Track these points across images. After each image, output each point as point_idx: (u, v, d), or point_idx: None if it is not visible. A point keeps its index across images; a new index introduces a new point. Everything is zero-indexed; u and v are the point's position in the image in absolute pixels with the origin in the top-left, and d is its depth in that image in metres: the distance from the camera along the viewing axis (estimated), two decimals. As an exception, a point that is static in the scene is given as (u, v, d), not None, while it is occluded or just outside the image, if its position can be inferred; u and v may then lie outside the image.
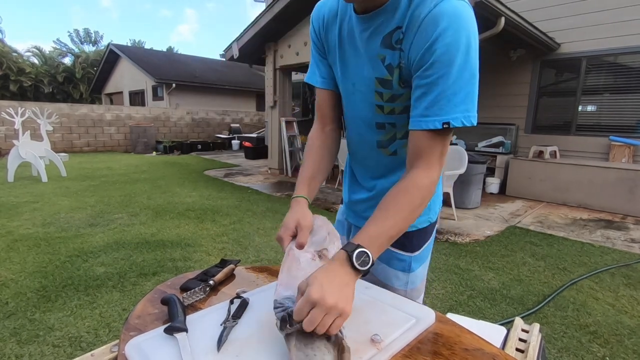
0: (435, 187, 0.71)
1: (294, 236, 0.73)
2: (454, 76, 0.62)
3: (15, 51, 20.85)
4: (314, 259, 0.70)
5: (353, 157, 0.98)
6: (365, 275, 0.62)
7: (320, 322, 0.54)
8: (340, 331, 0.58)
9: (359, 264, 0.59)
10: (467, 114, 0.64)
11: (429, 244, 0.94)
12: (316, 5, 0.84)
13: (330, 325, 0.55)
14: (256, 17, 6.27)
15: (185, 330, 0.65)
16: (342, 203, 1.11)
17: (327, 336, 0.57)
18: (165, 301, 0.75)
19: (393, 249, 0.90)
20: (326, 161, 0.92)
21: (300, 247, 0.71)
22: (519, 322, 0.95)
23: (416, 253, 0.90)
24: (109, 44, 17.27)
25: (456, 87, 0.63)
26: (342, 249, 0.62)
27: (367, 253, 0.61)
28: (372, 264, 0.61)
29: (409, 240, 0.88)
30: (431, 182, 0.69)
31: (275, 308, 0.61)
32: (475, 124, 0.65)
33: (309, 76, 0.90)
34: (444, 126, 0.64)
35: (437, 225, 0.98)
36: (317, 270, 0.59)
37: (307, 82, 0.89)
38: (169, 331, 0.64)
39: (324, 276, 0.57)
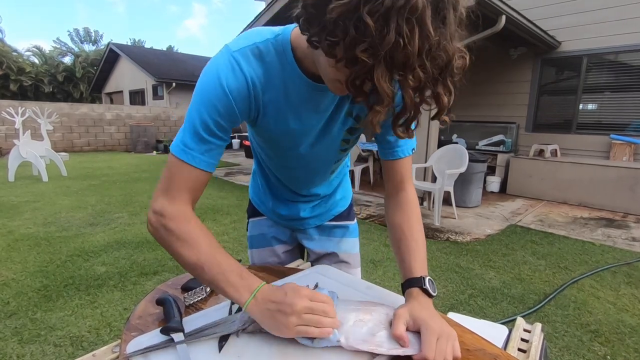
0: None
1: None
2: None
3: (15, 50, 20.86)
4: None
5: (292, 187, 1.00)
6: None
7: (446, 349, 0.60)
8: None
9: (432, 291, 0.69)
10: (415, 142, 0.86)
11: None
12: (223, 76, 0.65)
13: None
14: (256, 16, 6.25)
15: (182, 330, 0.64)
16: (252, 217, 1.13)
17: None
18: (161, 302, 0.74)
19: (348, 222, 1.12)
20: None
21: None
22: (520, 321, 0.95)
23: (355, 221, 1.15)
24: (108, 43, 17.27)
25: None
26: (413, 286, 0.70)
27: (429, 279, 0.71)
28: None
29: (349, 212, 1.14)
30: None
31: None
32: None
33: (199, 160, 0.68)
34: (412, 151, 0.85)
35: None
36: (420, 310, 0.65)
37: (200, 167, 0.69)
38: (165, 332, 0.64)
39: (433, 314, 0.65)
